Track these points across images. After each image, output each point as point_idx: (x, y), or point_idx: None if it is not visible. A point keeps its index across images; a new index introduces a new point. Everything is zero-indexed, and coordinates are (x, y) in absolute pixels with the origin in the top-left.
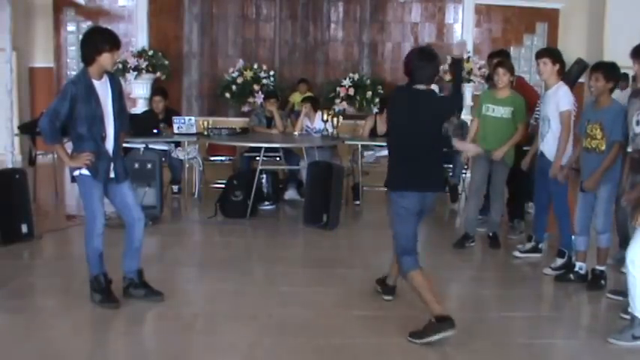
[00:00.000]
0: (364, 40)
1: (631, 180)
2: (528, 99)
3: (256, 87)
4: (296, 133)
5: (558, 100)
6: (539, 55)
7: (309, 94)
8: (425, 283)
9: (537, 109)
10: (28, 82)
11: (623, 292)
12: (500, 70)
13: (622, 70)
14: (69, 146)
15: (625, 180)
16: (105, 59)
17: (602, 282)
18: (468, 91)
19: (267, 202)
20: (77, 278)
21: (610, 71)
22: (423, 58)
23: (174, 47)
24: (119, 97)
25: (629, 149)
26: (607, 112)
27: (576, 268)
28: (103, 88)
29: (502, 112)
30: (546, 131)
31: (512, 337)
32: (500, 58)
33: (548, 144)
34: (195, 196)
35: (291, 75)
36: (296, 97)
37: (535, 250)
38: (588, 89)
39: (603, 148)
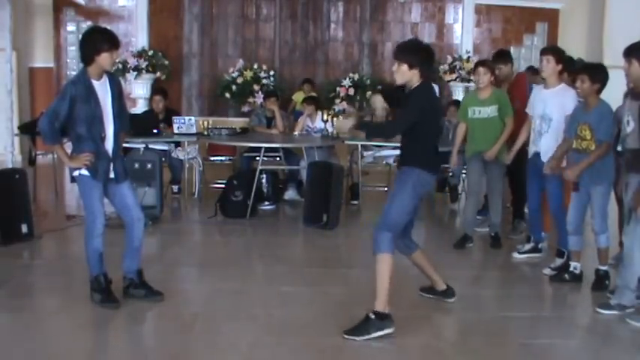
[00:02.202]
0: (364, 40)
1: (624, 179)
2: (520, 97)
3: (256, 87)
4: (296, 133)
5: (566, 102)
6: (544, 51)
7: (313, 94)
8: (389, 272)
9: None
10: (28, 82)
11: (621, 305)
12: (481, 70)
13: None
14: (69, 146)
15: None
16: (104, 59)
17: (607, 282)
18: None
19: (267, 202)
20: (77, 278)
21: (596, 73)
22: (433, 55)
23: (174, 47)
24: (119, 97)
25: (619, 148)
26: (594, 114)
27: (571, 268)
28: (102, 88)
29: (488, 112)
30: (545, 130)
31: (512, 337)
32: (501, 58)
33: (547, 143)
34: (195, 196)
35: (291, 75)
36: (299, 97)
37: (535, 250)
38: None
39: (593, 148)
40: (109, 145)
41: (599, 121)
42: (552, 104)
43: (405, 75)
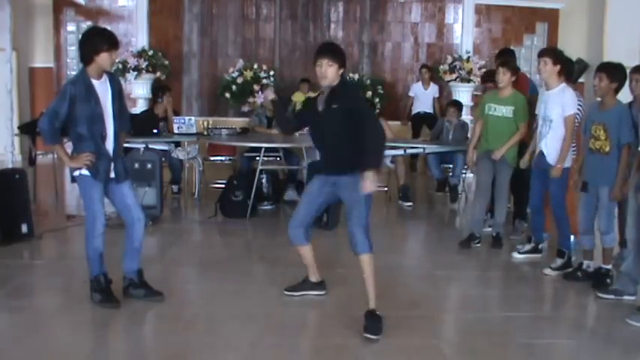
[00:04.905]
0: (364, 40)
1: (638, 180)
2: (523, 92)
3: (256, 87)
4: (296, 133)
5: (564, 103)
6: (541, 53)
7: (311, 93)
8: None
9: None
10: (28, 82)
11: (619, 290)
12: (501, 70)
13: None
14: (69, 146)
15: (632, 178)
16: (103, 59)
17: (608, 281)
18: (468, 91)
19: (267, 202)
20: (77, 278)
21: (614, 72)
22: None
23: (174, 47)
24: (119, 96)
25: None
26: (611, 113)
27: (584, 267)
28: (102, 88)
29: (503, 111)
30: (547, 132)
31: (512, 337)
32: (502, 57)
33: (548, 145)
34: (195, 196)
35: (291, 75)
36: (298, 97)
37: (535, 250)
38: (593, 89)
39: (607, 149)
40: (110, 144)
41: (618, 122)
42: (552, 105)
43: (335, 75)
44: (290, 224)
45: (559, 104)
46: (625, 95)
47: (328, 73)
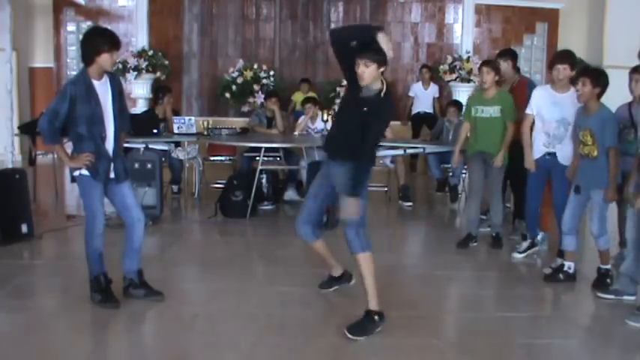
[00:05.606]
0: None
1: (637, 180)
2: (519, 103)
3: (256, 87)
4: (296, 133)
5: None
6: (563, 59)
7: (311, 93)
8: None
9: None
10: (28, 82)
11: (619, 290)
12: (484, 69)
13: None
14: (69, 146)
15: (632, 179)
16: (104, 59)
17: (608, 280)
18: (468, 91)
19: (267, 202)
20: (77, 278)
21: (598, 77)
22: None
23: (174, 47)
24: (119, 97)
25: None
26: (595, 118)
27: (565, 268)
28: (102, 88)
29: (491, 112)
30: (564, 134)
31: (512, 337)
32: (501, 57)
33: (567, 147)
34: (195, 196)
35: (291, 75)
36: (298, 97)
37: (532, 245)
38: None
39: (595, 154)
40: (110, 145)
41: (602, 126)
42: (569, 109)
43: (373, 75)
44: (297, 220)
45: (576, 108)
46: (625, 95)
47: (365, 74)
